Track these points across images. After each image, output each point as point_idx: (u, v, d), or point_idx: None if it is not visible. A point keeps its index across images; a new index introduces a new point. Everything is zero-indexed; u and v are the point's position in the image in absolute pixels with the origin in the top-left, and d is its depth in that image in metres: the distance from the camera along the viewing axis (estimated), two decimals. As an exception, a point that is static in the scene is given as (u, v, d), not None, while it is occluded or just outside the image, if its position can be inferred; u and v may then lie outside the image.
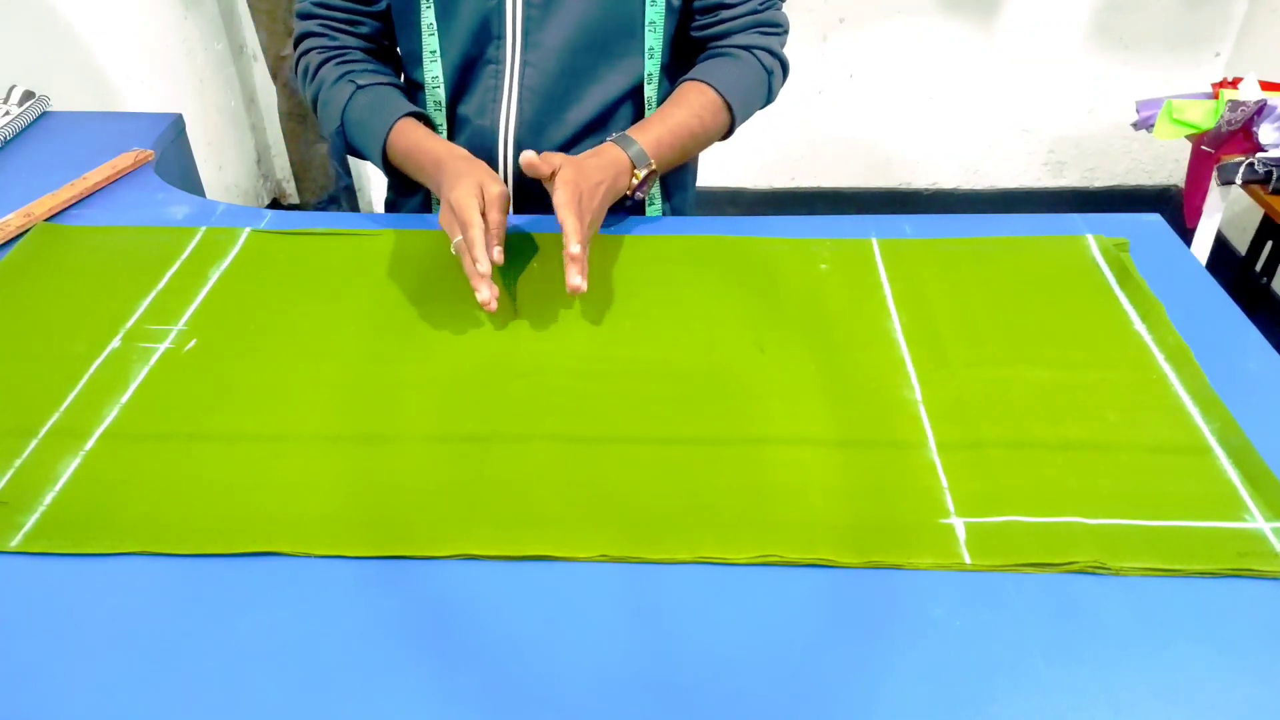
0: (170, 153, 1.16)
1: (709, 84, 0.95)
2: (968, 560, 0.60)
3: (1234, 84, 1.76)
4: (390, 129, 0.91)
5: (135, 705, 0.52)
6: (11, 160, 1.08)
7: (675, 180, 1.07)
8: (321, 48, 0.98)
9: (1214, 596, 0.58)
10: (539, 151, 0.83)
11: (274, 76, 2.21)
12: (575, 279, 0.75)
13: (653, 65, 0.97)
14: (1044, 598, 0.58)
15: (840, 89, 2.45)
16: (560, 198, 0.79)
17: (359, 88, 0.94)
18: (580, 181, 0.81)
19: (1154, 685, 0.53)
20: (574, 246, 0.76)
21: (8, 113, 1.14)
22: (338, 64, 0.97)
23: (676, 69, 1.01)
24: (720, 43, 0.99)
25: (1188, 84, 2.33)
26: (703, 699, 0.52)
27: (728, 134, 1.00)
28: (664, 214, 1.06)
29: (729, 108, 0.96)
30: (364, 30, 0.99)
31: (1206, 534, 0.62)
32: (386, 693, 0.53)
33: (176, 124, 1.19)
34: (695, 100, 0.95)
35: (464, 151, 0.88)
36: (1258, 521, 0.62)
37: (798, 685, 0.53)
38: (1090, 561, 0.59)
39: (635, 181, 0.90)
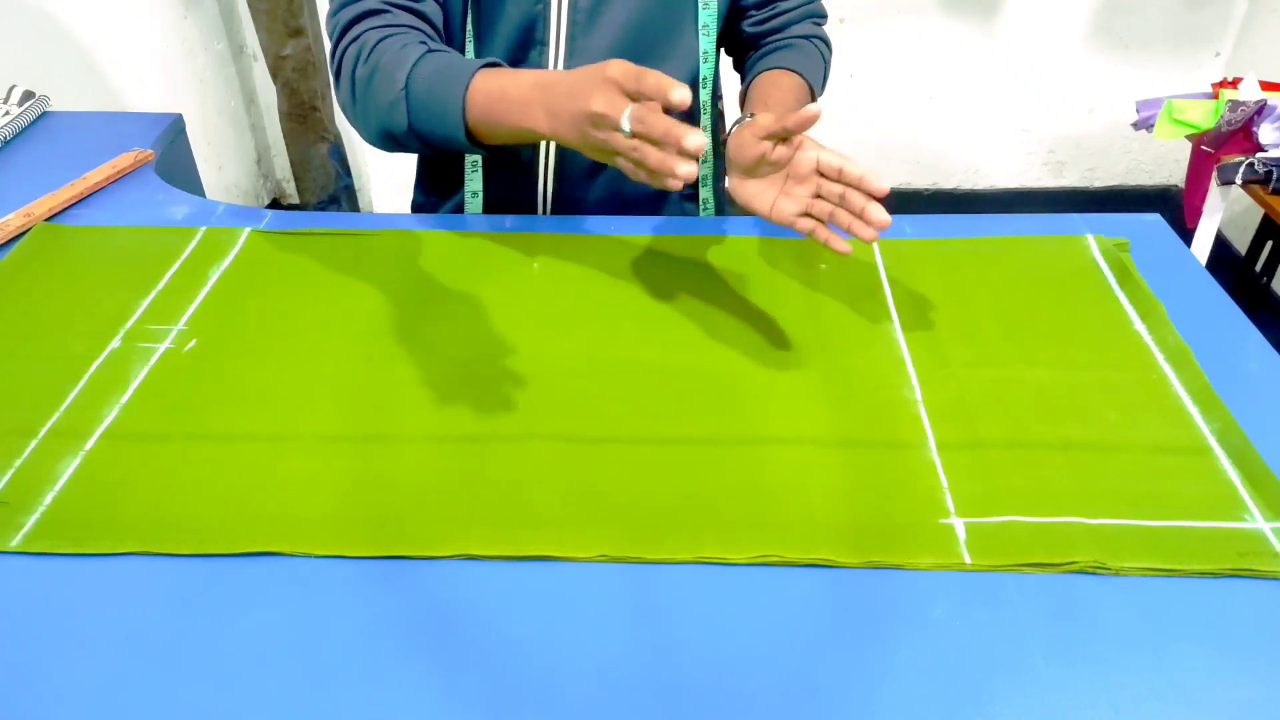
0: (170, 153, 1.16)
1: (794, 70, 0.94)
2: (968, 560, 0.60)
3: (1234, 84, 1.76)
4: (474, 74, 0.77)
5: (135, 705, 0.52)
6: (11, 160, 1.08)
7: (715, 172, 1.07)
8: (382, 25, 0.84)
9: (1214, 596, 0.58)
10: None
11: (274, 76, 2.21)
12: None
13: (707, 69, 0.97)
14: (1044, 598, 0.58)
15: (840, 89, 2.44)
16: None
17: (430, 50, 0.81)
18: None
19: (1154, 685, 0.53)
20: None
21: (8, 113, 1.14)
22: (401, 37, 0.83)
23: (715, 75, 1.00)
24: (778, 36, 0.99)
25: (1188, 84, 2.33)
26: (703, 699, 0.52)
27: None
28: (714, 210, 1.06)
29: (812, 93, 0.96)
30: (426, 10, 0.88)
31: (1206, 534, 0.62)
32: (386, 693, 0.53)
33: (176, 124, 1.19)
34: (787, 84, 0.93)
35: (570, 71, 0.72)
36: (1258, 521, 0.62)
37: (798, 685, 0.53)
38: (1090, 561, 0.59)
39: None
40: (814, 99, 0.95)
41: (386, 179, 2.46)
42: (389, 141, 0.86)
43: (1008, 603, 0.58)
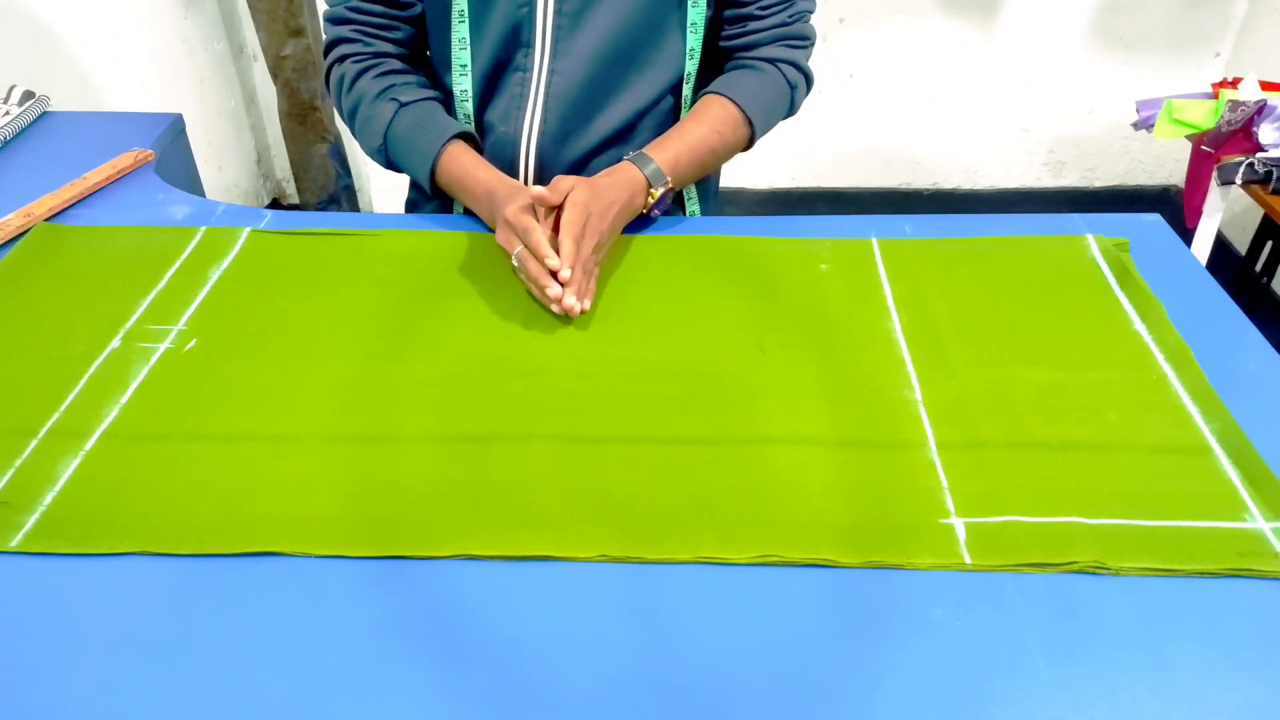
0: (170, 153, 1.16)
1: (730, 98, 0.95)
2: (968, 560, 0.60)
3: (1234, 84, 1.76)
4: (439, 154, 0.92)
5: (135, 705, 0.52)
6: (11, 160, 1.08)
7: (702, 189, 1.08)
8: (357, 55, 0.96)
9: (1214, 596, 0.58)
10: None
11: (274, 76, 2.21)
12: (569, 300, 0.78)
13: (692, 65, 0.97)
14: (1044, 598, 0.58)
15: (840, 89, 2.45)
16: (566, 218, 0.81)
17: (402, 105, 0.94)
18: (591, 203, 0.83)
19: (1154, 685, 0.53)
20: (565, 271, 0.78)
21: (8, 113, 1.14)
22: (376, 76, 0.96)
23: (701, 78, 1.00)
24: (746, 55, 0.99)
25: (1188, 84, 2.33)
26: (703, 699, 0.52)
27: (747, 147, 1.00)
28: (702, 214, 1.06)
29: (749, 122, 0.96)
30: (398, 35, 0.98)
31: (1206, 534, 0.62)
32: (386, 693, 0.53)
33: (176, 124, 1.19)
34: (716, 115, 0.95)
35: (515, 181, 0.90)
36: (1258, 521, 0.62)
37: (798, 685, 0.53)
38: (1090, 561, 0.59)
39: (651, 200, 0.91)
40: (751, 126, 0.96)
41: (386, 179, 2.46)
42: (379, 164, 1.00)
43: (1008, 603, 0.58)
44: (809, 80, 1.02)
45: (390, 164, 0.97)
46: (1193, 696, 0.52)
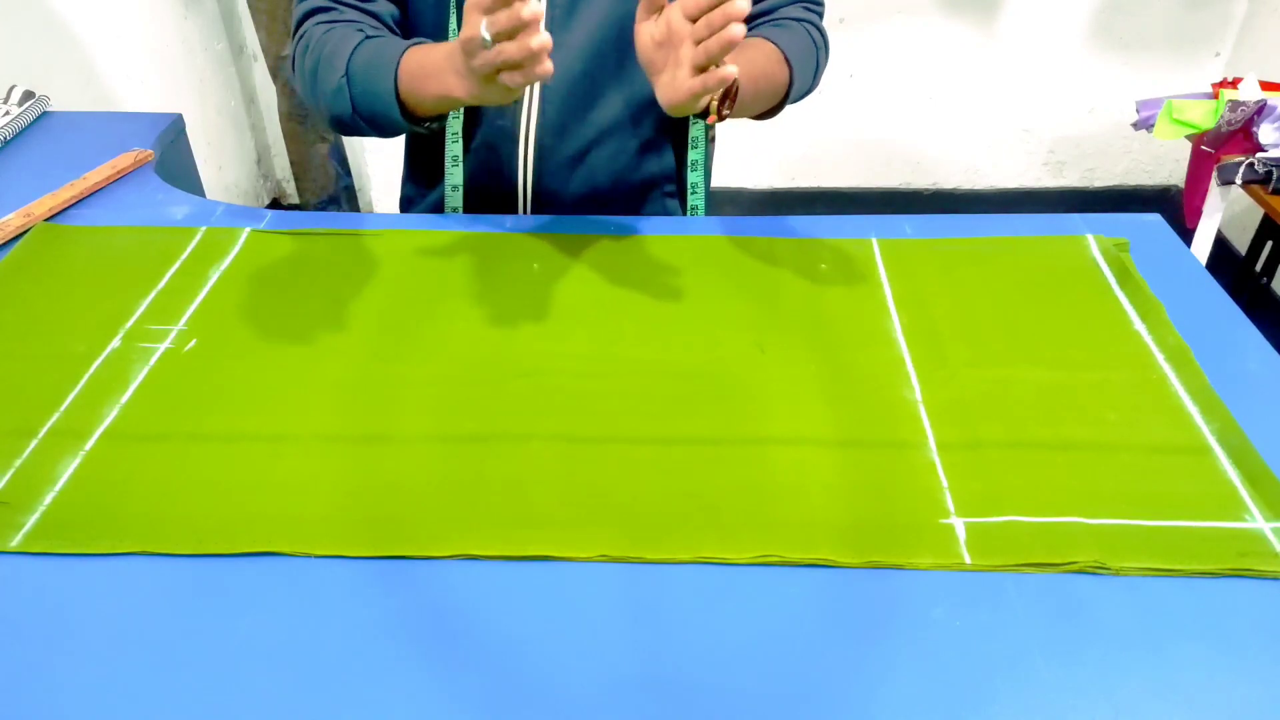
0: (170, 153, 1.16)
1: (767, 38, 0.91)
2: (968, 560, 0.60)
3: (1234, 84, 1.76)
4: (402, 53, 0.83)
5: (135, 705, 0.52)
6: (11, 160, 1.08)
7: (706, 168, 1.06)
8: (326, 21, 0.90)
9: (1214, 596, 0.58)
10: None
11: (274, 76, 2.21)
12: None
13: None
14: (1044, 598, 0.58)
15: (840, 89, 2.45)
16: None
17: (368, 37, 0.87)
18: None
19: (1154, 685, 0.53)
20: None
21: (8, 113, 1.14)
22: (341, 29, 0.89)
23: None
24: (767, 17, 0.97)
25: (1188, 84, 2.32)
26: (703, 699, 0.52)
27: (783, 100, 0.93)
28: (705, 212, 1.06)
29: (789, 64, 0.90)
30: (375, 8, 0.92)
31: (1206, 534, 0.62)
32: (386, 693, 0.53)
33: (176, 124, 1.19)
34: (760, 47, 0.89)
35: None
36: (1258, 521, 0.62)
37: (798, 685, 0.53)
38: (1090, 561, 0.59)
39: (730, 99, 0.82)
40: (790, 70, 0.90)
41: (386, 179, 2.46)
42: (342, 126, 0.91)
43: (1008, 603, 0.58)
44: (828, 46, 0.98)
45: (354, 106, 0.87)
46: (1193, 696, 0.52)
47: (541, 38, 0.69)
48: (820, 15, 1.00)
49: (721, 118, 0.83)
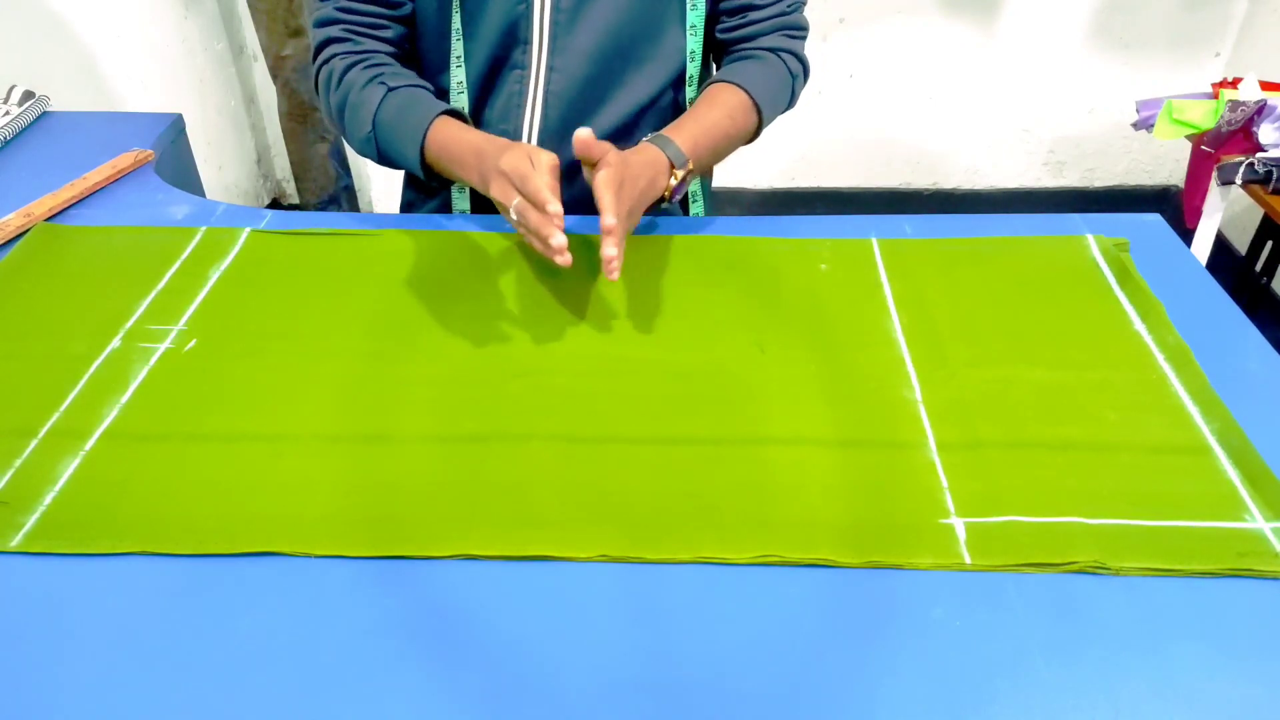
0: (170, 153, 1.16)
1: (737, 84, 0.94)
2: (968, 560, 0.60)
3: (1234, 84, 1.76)
4: (428, 127, 0.88)
5: (135, 705, 0.52)
6: (11, 160, 1.08)
7: (704, 188, 1.07)
8: (346, 53, 0.94)
9: (1214, 596, 0.58)
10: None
11: (274, 76, 2.21)
12: (610, 249, 0.73)
13: (694, 68, 0.97)
14: (1044, 598, 0.58)
15: (840, 89, 2.45)
16: (602, 176, 0.77)
17: (390, 89, 0.91)
18: (623, 171, 0.79)
19: (1154, 685, 0.53)
20: (609, 219, 0.74)
21: (8, 113, 1.14)
22: (365, 68, 0.93)
23: (701, 78, 1.00)
24: (746, 45, 0.98)
25: (1188, 84, 2.33)
26: (703, 699, 0.52)
27: (754, 136, 0.99)
28: (706, 212, 1.06)
29: (758, 109, 0.95)
30: (388, 34, 0.96)
31: (1206, 534, 0.62)
32: (386, 693, 0.53)
33: (176, 124, 1.19)
34: (726, 100, 0.94)
35: (504, 140, 0.85)
36: (1258, 521, 0.62)
37: (798, 685, 0.53)
38: (1090, 561, 0.59)
39: (674, 182, 0.87)
40: (759, 114, 0.95)
41: (386, 179, 2.46)
42: (369, 157, 0.96)
43: (1008, 603, 0.58)
44: (807, 71, 1.02)
45: (380, 154, 0.93)
46: (1193, 696, 0.52)
47: (559, 239, 0.73)
48: (802, 40, 1.01)
49: (670, 200, 0.88)
